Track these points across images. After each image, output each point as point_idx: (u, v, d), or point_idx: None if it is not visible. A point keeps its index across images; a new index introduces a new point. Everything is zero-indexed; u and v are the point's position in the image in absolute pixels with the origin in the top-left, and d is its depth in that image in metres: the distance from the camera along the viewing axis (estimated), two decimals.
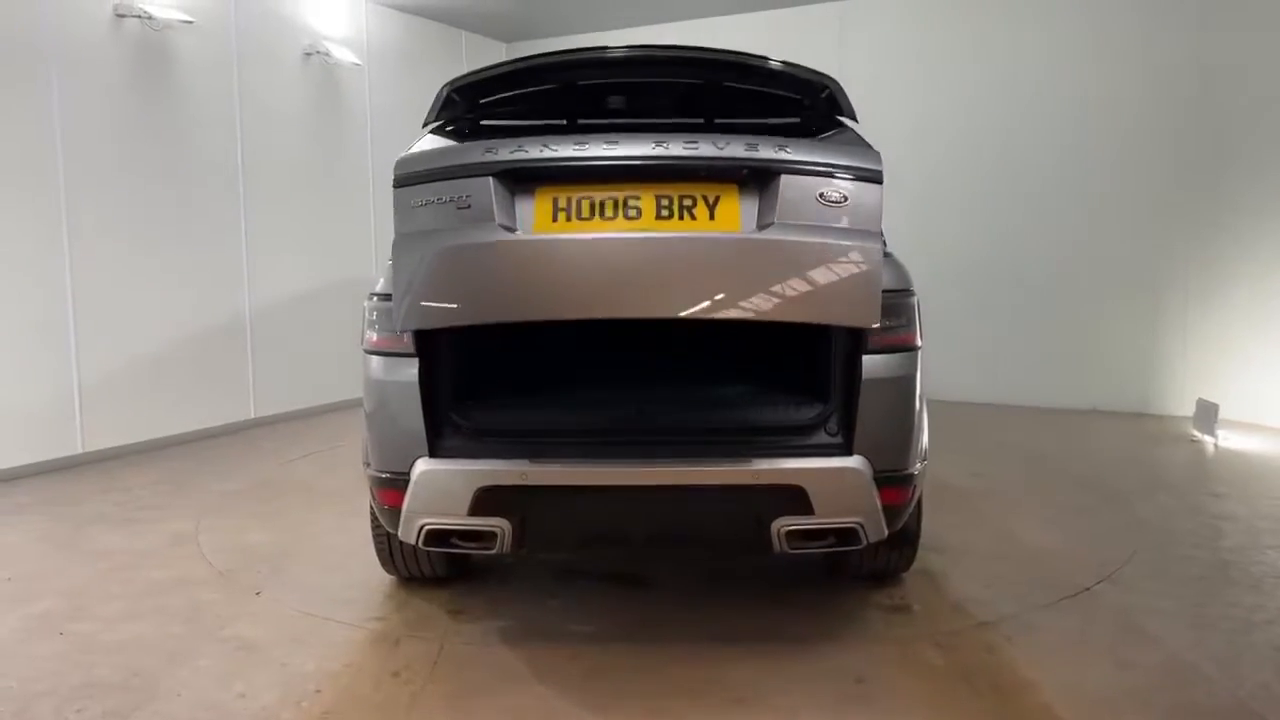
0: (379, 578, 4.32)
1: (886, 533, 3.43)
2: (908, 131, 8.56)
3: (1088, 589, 4.19)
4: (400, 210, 3.11)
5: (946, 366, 7.84)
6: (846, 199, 3.04)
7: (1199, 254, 7.81)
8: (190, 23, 7.00)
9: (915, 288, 3.52)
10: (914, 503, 3.62)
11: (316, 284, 8.37)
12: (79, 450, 6.56)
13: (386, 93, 8.92)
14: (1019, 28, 8.38)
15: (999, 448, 7.03)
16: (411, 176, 3.11)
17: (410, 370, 3.38)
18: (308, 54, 8.23)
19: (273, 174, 7.97)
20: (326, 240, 8.49)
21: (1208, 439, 7.07)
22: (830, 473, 3.31)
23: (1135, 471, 6.29)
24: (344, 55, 8.45)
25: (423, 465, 3.35)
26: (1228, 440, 7.01)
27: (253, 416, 7.87)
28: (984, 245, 8.59)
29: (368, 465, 3.58)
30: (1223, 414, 7.16)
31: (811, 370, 3.62)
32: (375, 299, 3.52)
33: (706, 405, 3.49)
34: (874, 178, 3.06)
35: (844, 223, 3.04)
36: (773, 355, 4.15)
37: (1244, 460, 6.56)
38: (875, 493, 3.34)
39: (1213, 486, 5.91)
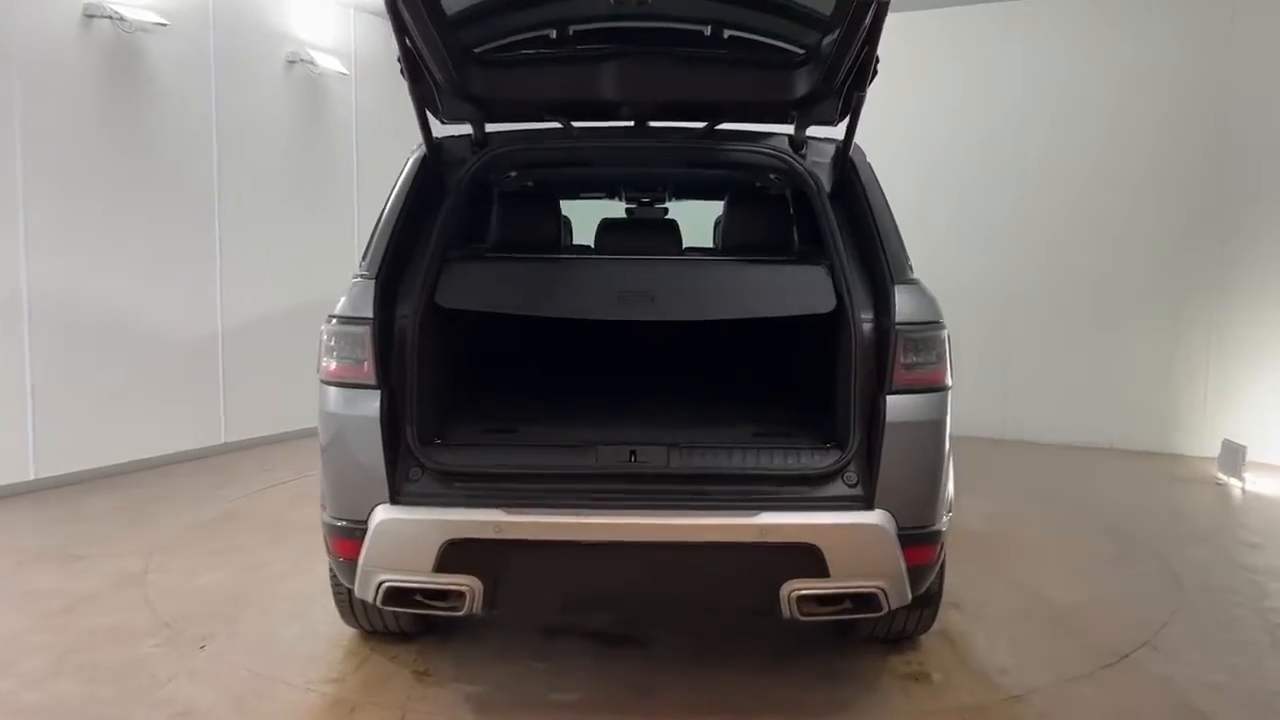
0: (338, 630, 3.89)
1: (910, 597, 3.03)
2: (911, 158, 8.20)
3: (1126, 656, 3.78)
4: None
5: (957, 400, 7.42)
6: None
7: (1222, 287, 7.43)
8: (164, 25, 6.61)
9: (945, 320, 3.13)
10: (940, 562, 3.21)
11: (295, 302, 7.93)
12: (30, 476, 6.11)
13: (374, 104, 8.54)
14: (1034, 53, 8.05)
15: (1016, 488, 6.61)
16: None
17: (370, 403, 2.98)
18: (291, 62, 7.85)
19: (251, 187, 7.56)
20: (307, 257, 8.06)
21: (1234, 482, 6.66)
22: (849, 530, 2.91)
23: (1162, 517, 5.88)
24: (329, 64, 8.08)
25: (382, 513, 2.95)
26: (1255, 484, 6.60)
27: (223, 441, 7.43)
28: (997, 275, 8.20)
29: (324, 509, 3.17)
30: (1249, 456, 6.76)
31: (828, 411, 3.22)
32: (335, 321, 3.11)
33: (708, 449, 3.08)
34: None
35: None
36: (784, 393, 3.75)
37: (1275, 507, 6.15)
38: (900, 553, 2.94)
39: (1246, 536, 5.50)
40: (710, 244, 5.09)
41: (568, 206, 5.59)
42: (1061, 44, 7.94)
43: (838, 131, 3.56)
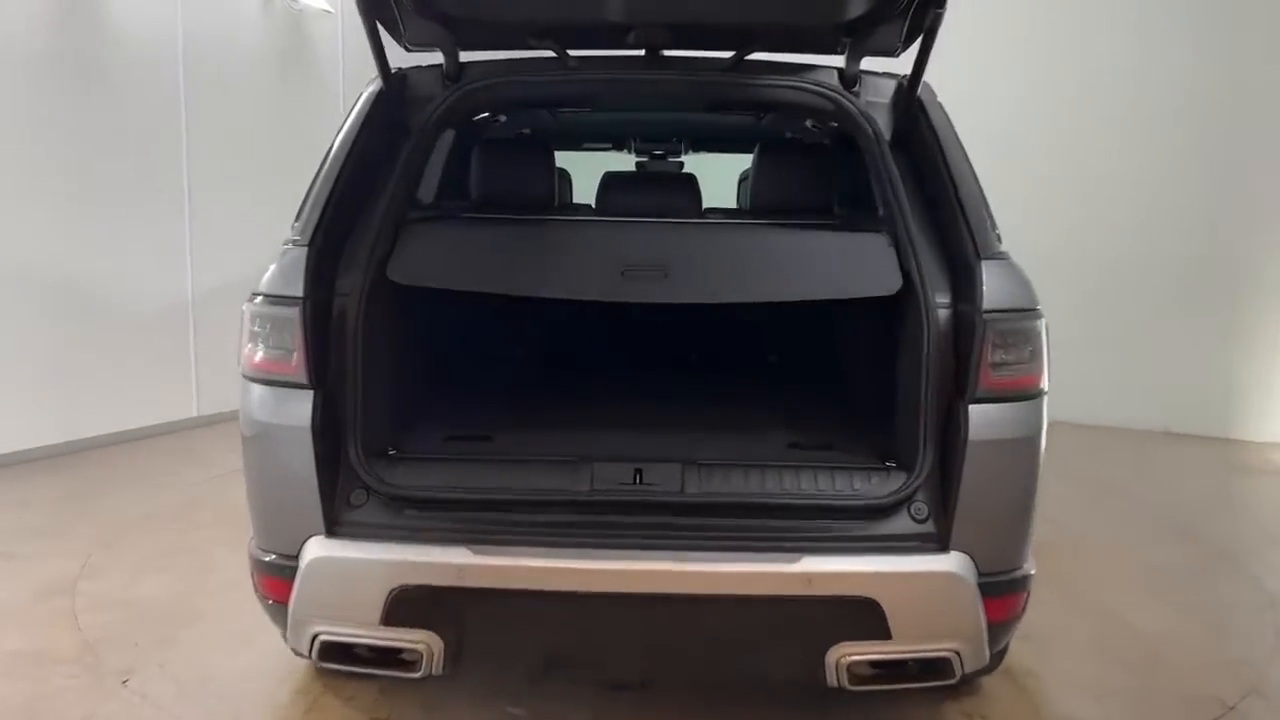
0: (288, 660, 3.24)
1: (988, 658, 2.38)
2: (960, 123, 7.41)
3: (1233, 708, 3.13)
4: None
5: None
6: None
7: None
8: None
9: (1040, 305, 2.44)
10: (1024, 612, 2.55)
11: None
12: None
13: (362, 46, 7.73)
14: (1083, 12, 7.28)
15: (1069, 480, 5.90)
16: None
17: (301, 407, 2.33)
18: None
19: (223, 137, 6.86)
20: (287, 213, 7.34)
21: None
22: (918, 580, 2.26)
23: (1237, 516, 5.23)
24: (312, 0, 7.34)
25: (316, 548, 2.31)
26: None
27: (195, 415, 6.81)
28: (1044, 244, 7.41)
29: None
30: None
31: (886, 420, 2.54)
32: (261, 300, 2.45)
33: (735, 467, 2.41)
34: None
35: None
36: (827, 393, 3.06)
37: None
38: (980, 606, 2.28)
39: None
40: (733, 207, 4.38)
41: (571, 161, 4.90)
42: (1110, 6, 7.20)
43: (900, 65, 2.84)
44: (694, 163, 5.26)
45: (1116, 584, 4.19)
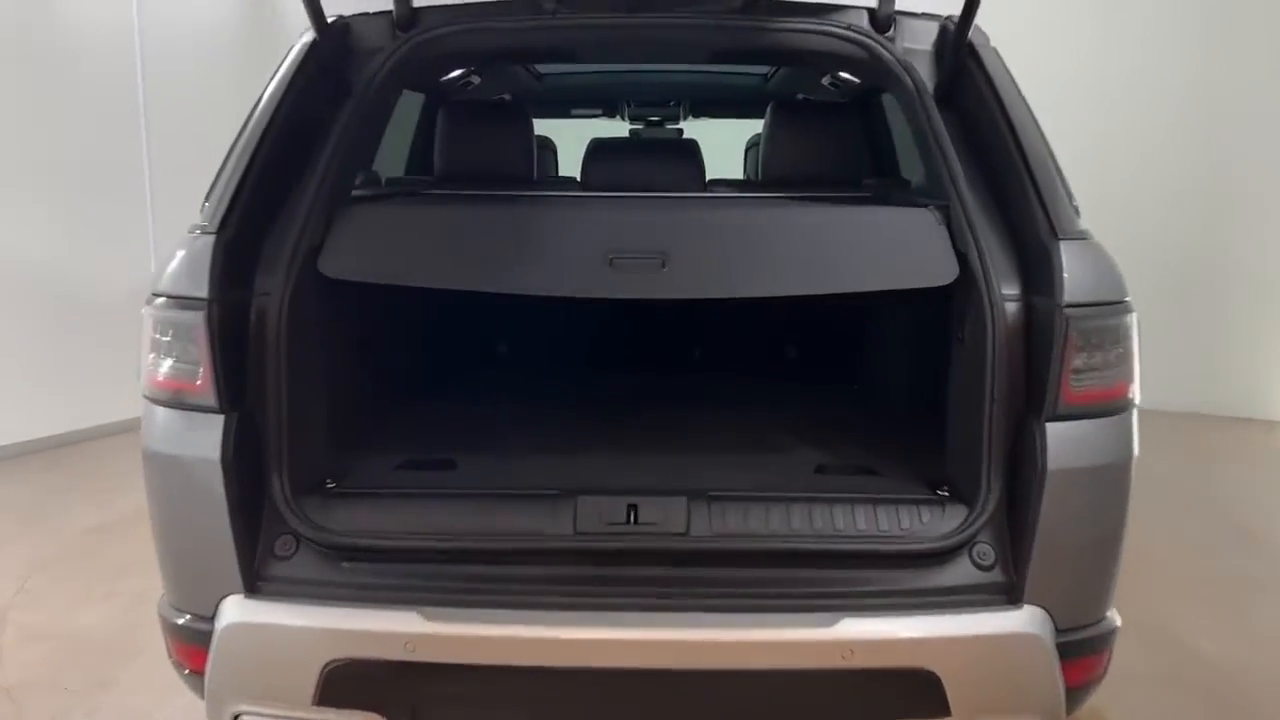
0: None
1: None
2: None
3: None
4: None
5: None
6: None
7: None
8: None
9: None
10: (1106, 672, 2.10)
11: None
12: None
13: (338, 13, 7.31)
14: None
15: None
16: None
17: (209, 435, 1.87)
18: None
19: (185, 113, 6.39)
20: None
21: None
22: (984, 644, 1.82)
23: None
24: None
25: (234, 611, 1.87)
26: None
27: None
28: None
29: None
30: None
31: (940, 443, 2.08)
32: (160, 301, 1.98)
33: (754, 504, 1.95)
34: None
35: None
36: (867, 416, 2.59)
37: None
38: (1058, 670, 1.84)
39: None
40: (739, 180, 3.88)
41: (555, 130, 4.41)
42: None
43: (944, 4, 2.35)
44: (694, 130, 4.78)
45: (1178, 598, 3.75)
